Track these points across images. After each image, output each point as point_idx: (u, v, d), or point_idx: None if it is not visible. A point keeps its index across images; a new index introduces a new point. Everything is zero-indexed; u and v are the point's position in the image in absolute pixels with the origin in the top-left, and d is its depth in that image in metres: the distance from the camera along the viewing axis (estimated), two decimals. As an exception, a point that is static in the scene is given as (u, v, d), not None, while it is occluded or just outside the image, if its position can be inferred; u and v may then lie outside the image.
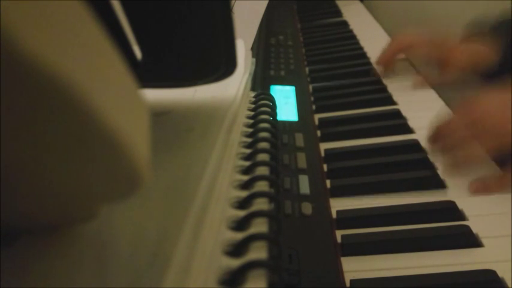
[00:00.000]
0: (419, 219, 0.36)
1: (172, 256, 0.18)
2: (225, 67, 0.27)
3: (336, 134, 0.52)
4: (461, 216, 0.37)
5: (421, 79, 0.63)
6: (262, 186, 0.28)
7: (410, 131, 0.51)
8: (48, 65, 0.10)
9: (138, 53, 0.27)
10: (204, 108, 0.33)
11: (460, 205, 0.37)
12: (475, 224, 0.35)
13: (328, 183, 0.43)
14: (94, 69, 0.12)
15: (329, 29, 0.94)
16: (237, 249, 0.23)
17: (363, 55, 0.76)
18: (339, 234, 0.35)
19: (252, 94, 0.43)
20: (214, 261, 0.22)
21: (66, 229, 0.20)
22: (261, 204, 0.27)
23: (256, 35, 0.56)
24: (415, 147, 0.47)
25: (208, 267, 0.21)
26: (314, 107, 0.60)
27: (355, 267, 0.32)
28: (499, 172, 0.41)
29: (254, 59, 0.45)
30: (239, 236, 0.24)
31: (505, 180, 0.39)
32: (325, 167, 0.45)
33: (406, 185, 0.41)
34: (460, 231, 0.34)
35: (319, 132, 0.53)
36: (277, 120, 0.40)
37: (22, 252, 0.19)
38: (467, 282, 0.29)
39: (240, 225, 0.25)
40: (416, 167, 0.44)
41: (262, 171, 0.30)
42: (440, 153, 0.43)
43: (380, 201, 0.40)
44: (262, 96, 0.42)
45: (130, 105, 0.14)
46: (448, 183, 0.41)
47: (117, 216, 0.20)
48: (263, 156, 0.32)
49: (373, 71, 0.68)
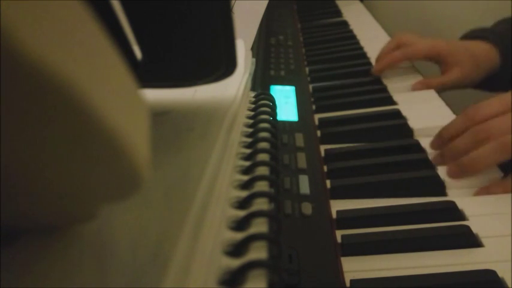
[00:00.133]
0: (419, 219, 0.36)
1: (172, 256, 0.18)
2: (225, 67, 0.27)
3: (336, 134, 0.52)
4: (461, 216, 0.37)
5: (421, 79, 0.63)
6: (262, 186, 0.28)
7: (410, 131, 0.51)
8: (48, 64, 0.10)
9: (138, 53, 0.27)
10: (204, 108, 0.33)
11: (460, 205, 0.37)
12: (475, 224, 0.35)
13: (328, 183, 0.43)
14: (94, 69, 0.12)
15: (329, 29, 0.94)
16: (237, 249, 0.23)
17: (363, 55, 0.76)
18: (339, 234, 0.35)
19: (252, 94, 0.43)
20: (214, 261, 0.22)
21: (66, 229, 0.20)
22: (261, 204, 0.27)
23: (256, 35, 0.56)
24: (415, 147, 0.47)
25: (208, 267, 0.21)
26: (314, 107, 0.60)
27: (355, 267, 0.32)
28: (502, 176, 0.41)
29: (254, 59, 0.45)
30: (239, 236, 0.24)
31: (508, 184, 0.39)
32: (325, 167, 0.45)
33: (406, 185, 0.41)
34: (460, 231, 0.34)
35: (319, 132, 0.53)
36: (277, 120, 0.40)
37: (22, 252, 0.19)
38: (467, 282, 0.29)
39: (240, 225, 0.25)
40: (416, 167, 0.44)
41: (262, 171, 0.30)
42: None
43: (380, 201, 0.40)
44: (262, 96, 0.42)
45: (130, 105, 0.14)
46: (448, 184, 0.41)
47: (117, 216, 0.20)
48: (263, 156, 0.32)
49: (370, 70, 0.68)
